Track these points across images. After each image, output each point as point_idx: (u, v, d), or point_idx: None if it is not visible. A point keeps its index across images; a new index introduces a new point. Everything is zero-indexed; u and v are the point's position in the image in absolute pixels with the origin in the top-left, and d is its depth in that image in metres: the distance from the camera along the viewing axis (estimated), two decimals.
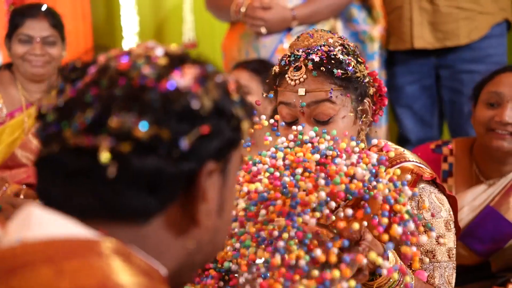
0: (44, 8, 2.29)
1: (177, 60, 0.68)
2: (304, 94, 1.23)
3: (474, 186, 1.97)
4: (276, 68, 1.28)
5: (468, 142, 2.05)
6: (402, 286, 1.16)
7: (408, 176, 1.28)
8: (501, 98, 1.88)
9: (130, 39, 3.23)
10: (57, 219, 0.64)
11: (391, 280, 1.15)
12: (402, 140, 2.67)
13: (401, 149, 1.34)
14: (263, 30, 2.39)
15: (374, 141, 1.29)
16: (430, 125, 2.62)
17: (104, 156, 0.62)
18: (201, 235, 0.70)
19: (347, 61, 1.23)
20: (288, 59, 1.26)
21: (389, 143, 1.35)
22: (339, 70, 1.22)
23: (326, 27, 2.40)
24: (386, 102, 1.34)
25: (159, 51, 0.69)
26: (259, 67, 2.33)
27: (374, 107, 1.32)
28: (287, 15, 2.39)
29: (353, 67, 1.23)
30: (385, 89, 1.34)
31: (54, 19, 2.30)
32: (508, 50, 2.56)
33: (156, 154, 0.64)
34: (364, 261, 1.04)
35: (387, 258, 1.13)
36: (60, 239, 0.62)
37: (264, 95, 1.32)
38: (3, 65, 2.42)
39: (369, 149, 1.32)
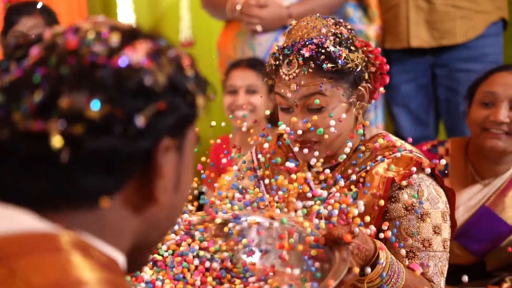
0: (39, 5, 2.29)
1: (128, 36, 0.67)
2: (296, 89, 1.28)
3: (469, 186, 1.97)
4: (271, 60, 1.33)
5: (463, 142, 2.05)
6: (393, 280, 1.17)
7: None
8: (495, 97, 1.88)
9: None
10: (10, 213, 0.62)
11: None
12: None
13: (401, 141, 1.38)
14: (259, 28, 2.39)
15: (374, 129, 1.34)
16: (426, 124, 2.62)
17: (56, 140, 0.60)
18: (158, 212, 0.69)
19: (337, 53, 1.26)
20: (282, 52, 1.31)
21: (390, 135, 1.39)
22: (328, 65, 1.25)
23: None
24: (388, 80, 1.37)
25: (108, 27, 0.67)
26: (262, 65, 2.34)
27: (374, 85, 1.37)
28: (282, 13, 2.40)
29: (344, 58, 1.27)
30: (387, 67, 1.36)
31: (49, 17, 2.29)
32: (504, 49, 2.55)
33: (110, 133, 0.62)
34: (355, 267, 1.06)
35: (378, 254, 1.15)
36: (14, 235, 0.60)
37: (268, 85, 1.39)
38: None
39: (370, 139, 1.38)
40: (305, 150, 1.32)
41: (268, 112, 1.54)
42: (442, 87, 2.55)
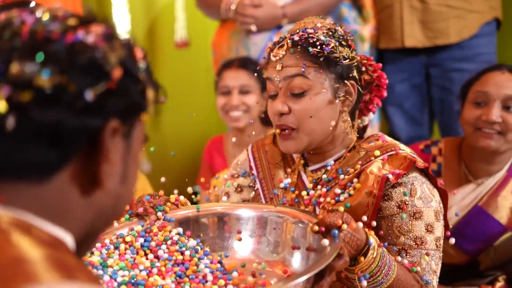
0: (33, 5, 2.28)
1: (83, 20, 0.68)
2: (280, 69, 1.32)
3: (462, 185, 1.97)
4: (268, 49, 1.39)
5: (457, 142, 2.06)
6: (384, 271, 1.18)
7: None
8: (488, 97, 1.89)
9: None
10: None
11: (372, 265, 1.16)
12: (392, 138, 2.66)
13: (396, 141, 1.39)
14: (253, 27, 2.39)
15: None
16: (420, 123, 2.62)
17: (1, 105, 0.60)
18: (104, 198, 0.69)
19: (326, 42, 1.30)
20: (278, 41, 1.37)
21: (385, 135, 1.41)
22: (314, 49, 1.29)
23: None
24: (385, 94, 1.40)
25: (64, 12, 0.68)
26: (254, 65, 2.34)
27: (371, 97, 1.40)
28: (277, 13, 2.40)
29: (332, 47, 1.30)
30: (386, 81, 1.39)
31: None
32: (498, 49, 2.55)
33: (59, 105, 0.62)
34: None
35: (370, 245, 1.15)
36: None
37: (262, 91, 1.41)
38: None
39: (365, 140, 1.40)
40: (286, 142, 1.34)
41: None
42: (436, 86, 2.55)
